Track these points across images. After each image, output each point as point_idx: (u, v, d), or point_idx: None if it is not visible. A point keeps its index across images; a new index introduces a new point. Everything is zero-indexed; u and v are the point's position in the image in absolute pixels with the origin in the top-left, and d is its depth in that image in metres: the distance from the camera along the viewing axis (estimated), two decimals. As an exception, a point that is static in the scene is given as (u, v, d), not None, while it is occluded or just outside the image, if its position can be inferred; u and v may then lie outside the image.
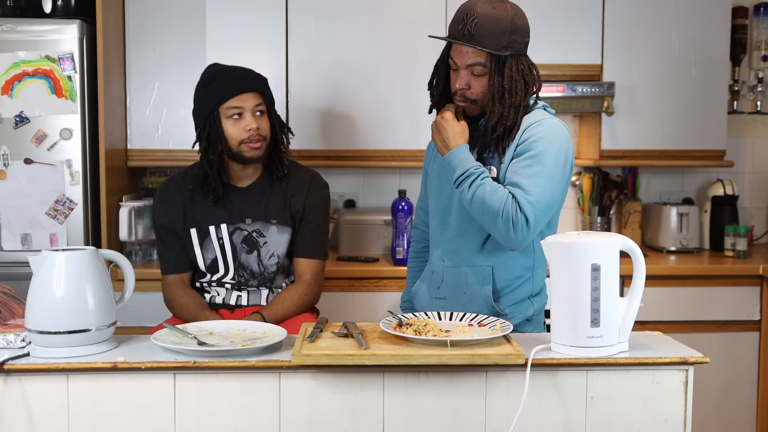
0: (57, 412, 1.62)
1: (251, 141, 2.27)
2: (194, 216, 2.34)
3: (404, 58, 3.32)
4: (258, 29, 3.28)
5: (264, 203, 2.35)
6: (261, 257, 2.33)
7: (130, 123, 3.33)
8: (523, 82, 2.00)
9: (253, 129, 2.26)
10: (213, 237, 2.33)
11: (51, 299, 1.63)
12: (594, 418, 1.65)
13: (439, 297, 2.12)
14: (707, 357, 1.65)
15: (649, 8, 3.37)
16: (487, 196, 1.90)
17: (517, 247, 1.93)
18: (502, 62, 1.98)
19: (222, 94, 2.27)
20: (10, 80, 2.98)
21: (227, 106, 2.26)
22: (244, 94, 2.27)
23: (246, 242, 2.33)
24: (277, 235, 2.34)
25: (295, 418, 1.64)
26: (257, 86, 2.32)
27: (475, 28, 1.95)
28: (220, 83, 2.29)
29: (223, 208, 2.33)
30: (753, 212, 3.83)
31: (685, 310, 3.19)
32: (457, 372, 1.64)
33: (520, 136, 1.99)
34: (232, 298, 2.34)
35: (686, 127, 3.43)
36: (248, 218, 2.34)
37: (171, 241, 2.37)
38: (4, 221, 3.00)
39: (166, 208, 2.37)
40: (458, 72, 2.02)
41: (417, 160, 3.36)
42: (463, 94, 2.03)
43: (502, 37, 1.96)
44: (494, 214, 1.89)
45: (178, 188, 2.38)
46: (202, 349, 1.64)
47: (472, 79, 2.01)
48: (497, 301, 2.05)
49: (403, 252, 3.19)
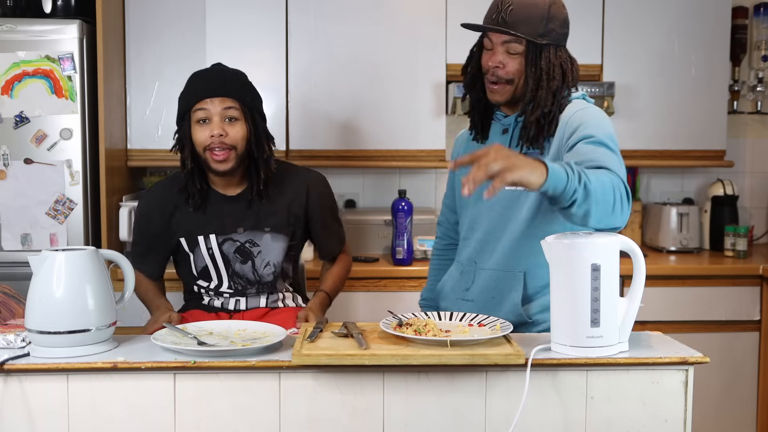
0: (57, 412, 1.62)
1: (213, 149, 2.14)
2: (182, 225, 2.26)
3: (404, 58, 3.32)
4: (258, 29, 3.28)
5: (255, 211, 2.26)
6: (256, 267, 2.27)
7: (130, 123, 3.33)
8: (560, 70, 1.94)
9: (215, 135, 2.13)
10: (202, 247, 2.25)
11: (51, 299, 1.63)
12: (594, 418, 1.65)
13: (467, 299, 2.06)
14: (707, 357, 1.65)
15: (649, 8, 3.38)
16: (599, 185, 1.64)
17: (624, 223, 1.75)
18: (538, 50, 1.92)
19: (190, 98, 2.19)
20: (10, 80, 2.98)
21: (195, 109, 2.16)
22: (212, 99, 2.15)
23: (239, 253, 2.26)
24: (272, 243, 2.28)
25: (295, 418, 1.64)
26: (228, 92, 2.17)
27: (510, 15, 1.90)
28: (191, 85, 2.20)
29: (213, 218, 2.26)
30: (753, 212, 3.83)
31: (685, 310, 3.19)
32: (457, 372, 1.64)
33: (566, 124, 1.91)
34: (231, 303, 2.30)
35: (686, 127, 3.43)
36: (240, 227, 2.25)
37: (153, 249, 2.31)
38: (4, 221, 3.00)
39: (153, 214, 2.29)
40: (493, 50, 1.95)
41: (417, 160, 3.36)
42: (496, 72, 1.95)
43: (538, 25, 1.90)
44: (609, 195, 1.66)
45: (167, 194, 2.29)
46: (202, 349, 1.64)
47: (507, 57, 1.94)
48: (525, 306, 2.00)
49: (403, 252, 3.19)
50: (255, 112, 2.22)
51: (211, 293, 2.32)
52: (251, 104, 2.21)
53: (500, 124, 2.05)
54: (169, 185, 2.32)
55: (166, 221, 2.29)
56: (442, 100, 3.35)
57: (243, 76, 2.25)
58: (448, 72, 3.34)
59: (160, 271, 2.39)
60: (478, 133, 2.09)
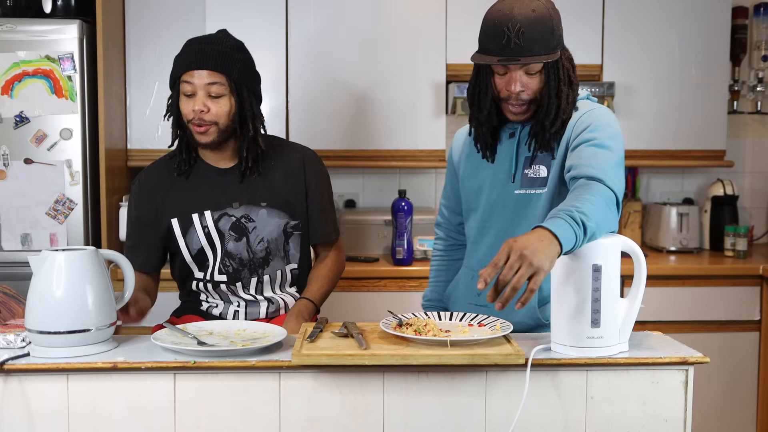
0: (57, 412, 1.62)
1: (194, 123, 2.10)
2: (175, 204, 2.20)
3: (404, 58, 3.32)
4: (258, 29, 3.28)
5: (251, 185, 2.20)
6: (250, 243, 2.20)
7: (130, 123, 3.33)
8: (572, 70, 1.92)
9: (196, 111, 2.08)
10: (197, 226, 2.19)
11: (51, 299, 1.63)
12: (594, 418, 1.65)
13: (480, 304, 2.01)
14: (707, 357, 1.65)
15: (649, 8, 3.38)
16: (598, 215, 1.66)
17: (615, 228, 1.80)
18: (555, 62, 1.88)
19: (178, 68, 2.12)
20: (10, 80, 2.98)
21: (182, 80, 2.10)
22: (197, 71, 2.08)
23: (234, 229, 2.20)
24: (267, 219, 2.21)
25: (295, 418, 1.64)
26: (215, 65, 2.08)
27: (523, 39, 1.80)
28: (184, 52, 2.14)
29: (206, 192, 2.20)
30: (753, 212, 3.83)
31: (685, 310, 3.19)
32: (457, 372, 1.64)
33: (574, 125, 1.90)
34: (230, 313, 2.24)
35: (686, 127, 3.43)
36: (235, 202, 2.19)
37: (144, 237, 2.24)
38: (4, 221, 3.00)
39: (144, 200, 2.23)
40: (510, 75, 1.88)
41: (417, 160, 3.36)
42: (521, 96, 1.89)
43: (551, 39, 1.84)
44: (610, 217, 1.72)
45: (158, 176, 2.24)
46: (202, 349, 1.64)
47: (527, 79, 1.88)
48: (541, 308, 1.97)
49: (403, 252, 3.19)
50: (243, 88, 2.13)
51: (209, 284, 2.24)
52: (239, 79, 2.12)
53: (507, 129, 2.02)
54: (158, 168, 2.28)
55: (158, 205, 2.23)
56: (442, 100, 3.35)
57: (238, 48, 2.17)
58: (448, 72, 3.34)
59: (152, 262, 2.27)
60: (487, 151, 2.03)
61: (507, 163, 2.01)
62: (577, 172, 1.81)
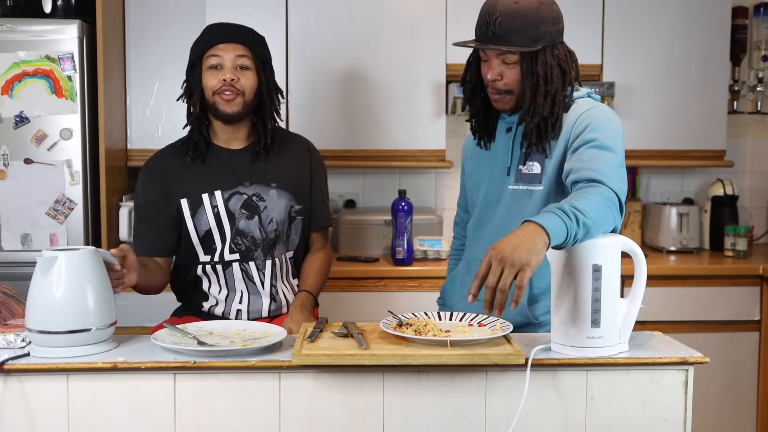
0: (57, 412, 1.62)
1: (223, 92, 2.17)
2: (184, 185, 2.22)
3: (404, 58, 3.32)
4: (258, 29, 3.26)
5: (262, 166, 2.26)
6: (262, 222, 2.23)
7: (130, 123, 3.33)
8: (559, 69, 1.91)
9: (227, 79, 2.16)
10: (207, 206, 2.21)
11: (51, 299, 1.63)
12: (594, 418, 1.65)
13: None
14: (707, 357, 1.65)
15: (649, 8, 3.38)
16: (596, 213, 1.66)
17: (618, 228, 1.85)
18: (534, 56, 1.89)
19: (204, 44, 2.23)
20: (10, 80, 2.98)
21: (208, 55, 2.20)
22: (226, 45, 2.20)
23: (246, 207, 2.22)
24: (277, 200, 2.25)
25: (295, 418, 1.64)
26: (242, 39, 2.23)
27: (499, 28, 1.86)
28: (206, 34, 2.25)
29: (216, 173, 2.22)
30: (753, 212, 3.83)
31: (685, 310, 3.19)
32: (457, 372, 1.64)
33: (573, 125, 1.90)
34: (232, 312, 2.25)
35: (686, 127, 3.43)
36: (246, 181, 2.24)
37: (152, 219, 2.23)
38: (4, 221, 3.00)
39: (152, 181, 2.25)
40: (489, 62, 1.93)
41: (417, 160, 3.36)
42: (495, 85, 1.93)
43: (530, 32, 1.86)
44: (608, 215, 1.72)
45: (165, 160, 2.28)
46: (202, 349, 1.64)
47: (504, 69, 1.91)
48: (531, 307, 1.99)
49: (403, 252, 3.19)
50: (266, 65, 2.27)
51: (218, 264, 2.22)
52: (263, 56, 2.27)
53: (504, 123, 2.05)
54: (166, 154, 2.31)
55: (167, 186, 2.24)
56: (442, 100, 3.35)
57: (256, 32, 2.31)
58: (448, 72, 3.34)
59: (161, 244, 2.25)
60: (482, 140, 2.08)
61: (504, 158, 2.03)
62: (577, 175, 1.82)
